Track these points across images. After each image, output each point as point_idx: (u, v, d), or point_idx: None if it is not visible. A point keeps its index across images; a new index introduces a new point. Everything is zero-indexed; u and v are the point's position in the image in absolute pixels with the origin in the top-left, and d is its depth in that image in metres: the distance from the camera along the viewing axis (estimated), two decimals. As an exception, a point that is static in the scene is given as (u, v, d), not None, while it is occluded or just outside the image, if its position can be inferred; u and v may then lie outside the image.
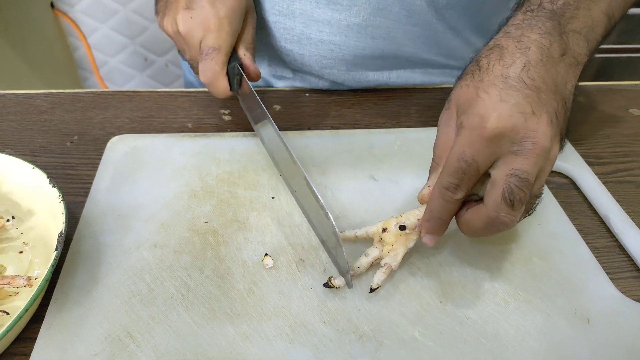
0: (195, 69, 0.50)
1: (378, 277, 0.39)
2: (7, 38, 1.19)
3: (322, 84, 0.65)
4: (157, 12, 0.52)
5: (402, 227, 0.39)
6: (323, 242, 0.43)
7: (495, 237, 0.45)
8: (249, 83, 0.49)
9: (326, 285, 0.40)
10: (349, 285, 0.39)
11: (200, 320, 0.37)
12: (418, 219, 0.39)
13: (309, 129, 0.58)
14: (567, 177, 0.54)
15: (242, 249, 0.43)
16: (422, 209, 0.40)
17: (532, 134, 0.35)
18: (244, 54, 0.50)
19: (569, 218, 0.48)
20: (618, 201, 0.49)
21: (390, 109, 0.62)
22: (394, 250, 0.40)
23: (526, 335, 0.38)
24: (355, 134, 0.57)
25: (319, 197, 0.40)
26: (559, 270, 0.43)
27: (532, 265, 0.43)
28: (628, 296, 0.41)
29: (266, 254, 0.42)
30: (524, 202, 0.36)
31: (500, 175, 0.35)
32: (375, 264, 0.41)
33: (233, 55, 0.49)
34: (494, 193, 0.35)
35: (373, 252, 0.41)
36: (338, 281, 0.39)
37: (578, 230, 0.47)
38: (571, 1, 0.40)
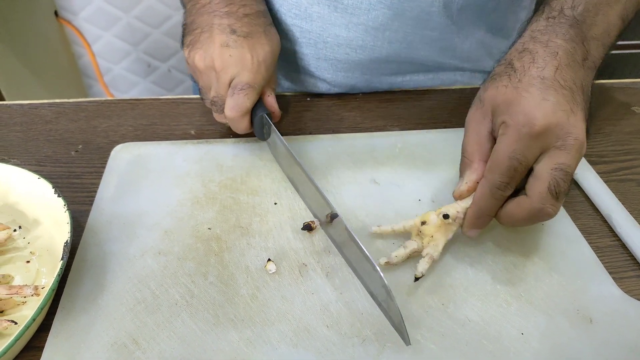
0: (218, 106, 0.51)
1: (422, 266, 0.40)
2: (12, 47, 1.20)
3: (334, 90, 0.65)
4: (183, 46, 0.52)
5: (446, 216, 0.41)
6: (372, 295, 0.40)
7: (496, 238, 0.45)
8: (277, 132, 0.49)
9: (305, 227, 0.44)
10: (405, 341, 0.36)
11: (205, 326, 0.38)
12: (457, 211, 0.41)
13: (310, 133, 0.58)
14: (568, 176, 0.54)
15: (245, 254, 0.43)
16: (462, 203, 0.42)
17: (573, 129, 0.38)
18: (269, 94, 0.52)
19: (571, 218, 0.48)
20: (620, 200, 0.49)
21: (391, 112, 0.62)
22: (434, 241, 0.42)
23: (529, 337, 0.38)
24: (356, 137, 0.57)
25: (364, 249, 0.38)
26: (561, 271, 0.43)
27: (534, 266, 0.43)
28: (631, 295, 0.41)
29: (269, 260, 0.42)
30: (566, 193, 0.38)
31: (545, 168, 0.38)
32: (412, 256, 0.42)
33: (259, 104, 0.50)
34: (539, 186, 0.38)
35: (412, 245, 0.42)
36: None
37: (580, 230, 0.47)
38: (590, 7, 0.42)
